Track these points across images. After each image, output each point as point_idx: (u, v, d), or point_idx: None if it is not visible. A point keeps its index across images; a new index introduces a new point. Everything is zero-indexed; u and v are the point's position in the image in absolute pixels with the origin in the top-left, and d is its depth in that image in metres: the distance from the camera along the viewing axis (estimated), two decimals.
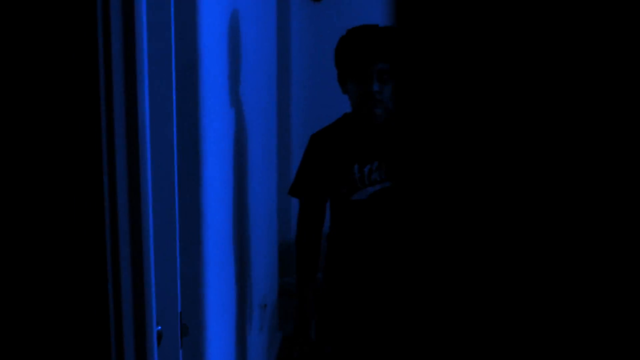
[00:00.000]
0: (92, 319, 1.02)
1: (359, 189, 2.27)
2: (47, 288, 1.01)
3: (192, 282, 1.97)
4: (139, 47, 1.02)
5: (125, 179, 1.04)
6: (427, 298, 0.67)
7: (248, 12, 2.79)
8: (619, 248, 0.56)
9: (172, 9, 1.35)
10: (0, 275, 1.01)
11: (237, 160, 2.54)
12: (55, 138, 0.99)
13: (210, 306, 2.07)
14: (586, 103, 0.60)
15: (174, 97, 1.41)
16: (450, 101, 0.68)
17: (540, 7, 0.60)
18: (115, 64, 1.00)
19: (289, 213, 4.34)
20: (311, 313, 2.38)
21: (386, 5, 1.48)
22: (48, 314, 1.02)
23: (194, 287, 1.98)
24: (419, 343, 0.67)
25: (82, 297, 1.01)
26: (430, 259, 0.69)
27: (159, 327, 1.37)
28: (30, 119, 1.00)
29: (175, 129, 1.45)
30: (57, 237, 1.00)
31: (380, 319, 2.30)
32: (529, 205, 0.61)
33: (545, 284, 0.60)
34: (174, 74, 1.43)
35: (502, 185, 0.61)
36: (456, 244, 0.66)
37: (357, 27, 2.31)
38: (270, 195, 3.57)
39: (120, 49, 1.00)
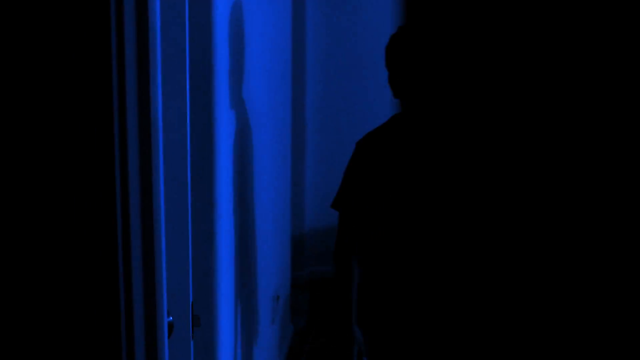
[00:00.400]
0: (102, 310, 1.04)
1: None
2: (60, 277, 1.04)
3: (204, 273, 2.00)
4: (152, 44, 1.04)
5: (137, 168, 1.06)
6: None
7: (262, 8, 2.81)
8: (619, 248, 0.56)
9: (187, 7, 1.36)
10: (14, 258, 1.04)
11: (249, 154, 2.56)
12: (67, 126, 1.01)
13: (222, 298, 2.09)
14: (587, 105, 0.60)
15: (187, 93, 1.43)
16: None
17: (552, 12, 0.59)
18: (129, 61, 1.02)
19: (302, 207, 4.36)
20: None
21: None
22: (60, 303, 1.04)
23: (206, 278, 2.01)
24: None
25: (93, 288, 1.04)
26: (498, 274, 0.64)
27: (170, 318, 1.40)
28: (40, 110, 1.02)
29: (188, 124, 1.47)
30: (69, 227, 1.03)
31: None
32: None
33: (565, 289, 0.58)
34: (188, 70, 1.45)
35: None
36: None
37: (410, 25, 2.10)
38: (283, 190, 3.59)
39: (133, 47, 1.02)
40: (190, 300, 1.61)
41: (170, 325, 1.43)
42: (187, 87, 1.46)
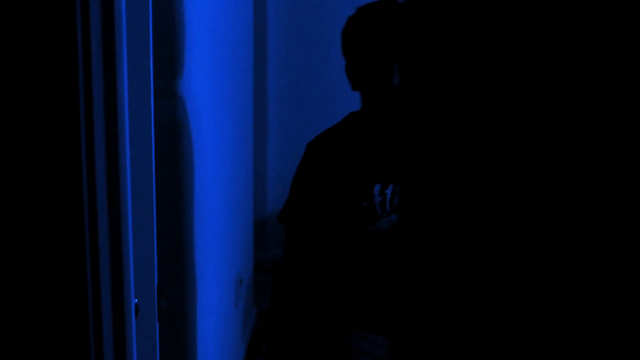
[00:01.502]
0: (70, 293, 1.07)
1: (379, 217, 1.73)
2: (26, 260, 1.06)
3: (169, 255, 2.02)
4: (118, 42, 1.06)
5: (104, 151, 1.08)
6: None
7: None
8: (619, 248, 0.53)
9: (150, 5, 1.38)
10: None
11: (208, 139, 2.58)
12: (33, 111, 1.03)
13: (186, 280, 2.12)
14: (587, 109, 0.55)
15: (152, 84, 1.45)
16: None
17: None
18: (95, 53, 1.04)
19: (265, 191, 4.38)
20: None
21: None
22: (27, 285, 1.06)
23: (172, 260, 2.03)
24: None
25: (60, 271, 1.06)
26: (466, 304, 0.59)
27: (136, 300, 1.42)
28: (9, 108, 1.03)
29: (152, 112, 1.49)
30: (34, 210, 1.04)
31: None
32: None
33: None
34: (152, 62, 1.46)
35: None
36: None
37: (371, 4, 1.74)
38: (245, 173, 3.61)
39: (99, 41, 1.04)
40: (156, 282, 1.64)
41: (136, 308, 1.45)
42: (152, 79, 1.47)
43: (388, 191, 1.72)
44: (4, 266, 1.07)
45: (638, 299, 0.48)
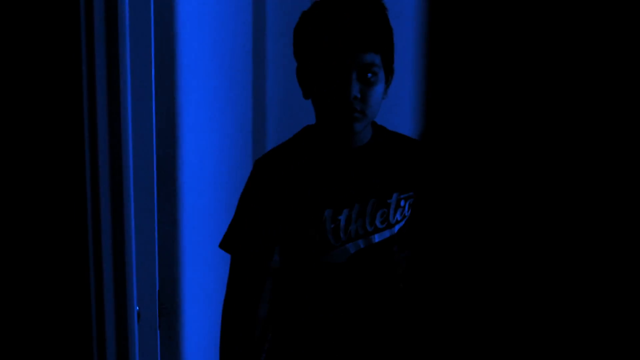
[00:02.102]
0: (74, 302, 1.08)
1: (333, 247, 1.49)
2: (34, 273, 1.07)
3: (167, 262, 2.03)
4: (122, 47, 1.08)
5: (107, 164, 1.10)
6: None
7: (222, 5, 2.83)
8: (619, 248, 0.51)
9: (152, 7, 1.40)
10: None
11: (213, 146, 2.59)
12: (39, 119, 1.05)
13: (185, 288, 2.13)
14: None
15: (153, 91, 1.47)
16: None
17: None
18: (99, 59, 1.06)
19: None
20: None
21: None
22: (34, 297, 1.08)
23: (170, 269, 2.04)
24: None
25: (64, 280, 1.08)
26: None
27: (137, 308, 1.44)
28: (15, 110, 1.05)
29: (154, 121, 1.51)
30: (41, 225, 1.06)
31: None
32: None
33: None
34: (153, 68, 1.48)
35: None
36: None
37: None
38: (243, 181, 3.62)
39: (103, 48, 1.06)
40: (157, 289, 1.65)
41: (137, 315, 1.47)
42: (153, 86, 1.49)
43: (342, 217, 1.48)
44: (9, 264, 1.08)
45: (638, 299, 0.47)
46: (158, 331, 1.67)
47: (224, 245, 1.56)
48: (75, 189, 1.06)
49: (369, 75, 1.40)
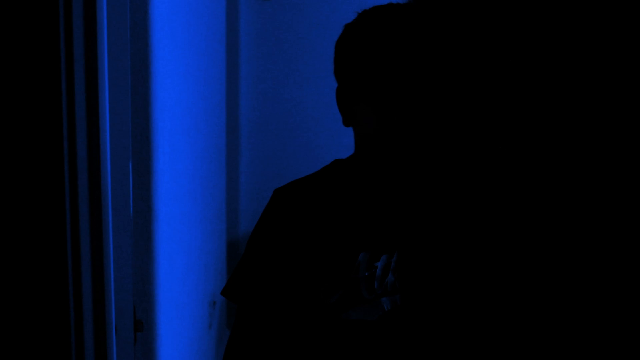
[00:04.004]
0: (53, 315, 1.04)
1: (363, 301, 1.20)
2: (14, 288, 1.03)
3: (143, 279, 1.99)
4: (100, 54, 1.05)
5: (86, 184, 1.07)
6: None
7: (197, 12, 2.81)
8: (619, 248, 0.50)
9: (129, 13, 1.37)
10: None
11: (187, 159, 2.56)
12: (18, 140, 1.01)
13: (160, 303, 2.09)
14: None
15: (129, 100, 1.44)
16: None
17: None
18: (77, 56, 1.03)
19: (237, 212, 4.38)
20: None
21: (345, 4, 1.25)
22: (14, 311, 1.04)
23: (145, 284, 2.00)
24: None
25: (44, 294, 1.04)
26: None
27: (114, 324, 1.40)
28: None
29: (130, 128, 1.47)
30: (20, 241, 1.02)
31: None
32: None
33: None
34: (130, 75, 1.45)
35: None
36: None
37: (378, 7, 1.21)
38: (218, 194, 3.60)
39: (81, 47, 1.03)
40: (132, 305, 1.61)
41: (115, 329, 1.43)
42: (129, 86, 1.46)
43: (379, 264, 1.19)
44: None
45: (638, 299, 0.46)
46: (133, 347, 1.62)
47: (228, 291, 1.27)
48: (54, 205, 1.02)
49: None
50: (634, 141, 0.43)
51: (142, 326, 1.67)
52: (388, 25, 1.15)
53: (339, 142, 2.63)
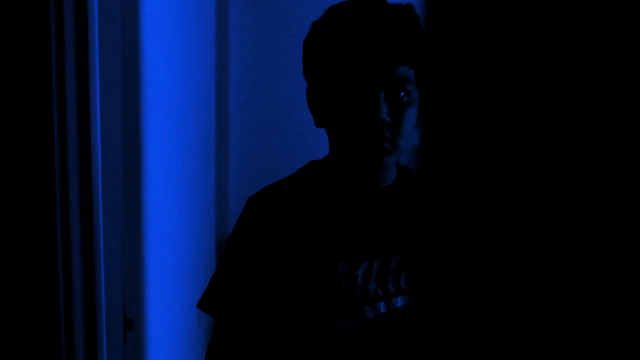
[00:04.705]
0: (44, 314, 1.04)
1: (346, 311, 1.16)
2: (4, 288, 1.03)
3: (132, 278, 1.99)
4: (91, 54, 1.05)
5: (77, 184, 1.07)
6: None
7: (187, 10, 2.81)
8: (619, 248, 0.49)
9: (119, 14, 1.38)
10: None
11: (176, 158, 2.56)
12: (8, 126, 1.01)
13: (150, 302, 2.09)
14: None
15: (120, 106, 1.44)
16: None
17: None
18: (68, 61, 1.03)
19: (227, 210, 4.38)
20: None
21: (335, 1, 1.20)
22: (4, 311, 1.04)
23: (135, 282, 2.00)
24: None
25: (34, 293, 1.04)
26: None
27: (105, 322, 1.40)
28: None
29: (121, 129, 1.47)
30: (13, 244, 1.02)
31: None
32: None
33: None
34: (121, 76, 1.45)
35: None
36: None
37: (346, 3, 1.18)
38: (207, 193, 3.59)
39: (72, 51, 1.03)
40: (122, 304, 1.61)
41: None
42: (120, 84, 1.46)
43: (359, 272, 1.16)
44: None
45: (638, 299, 0.45)
46: (123, 346, 1.62)
47: (204, 304, 1.23)
48: (44, 200, 1.02)
49: (402, 94, 1.12)
50: (634, 141, 0.43)
51: (132, 325, 1.67)
52: (357, 21, 1.12)
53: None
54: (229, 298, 1.19)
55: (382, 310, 1.17)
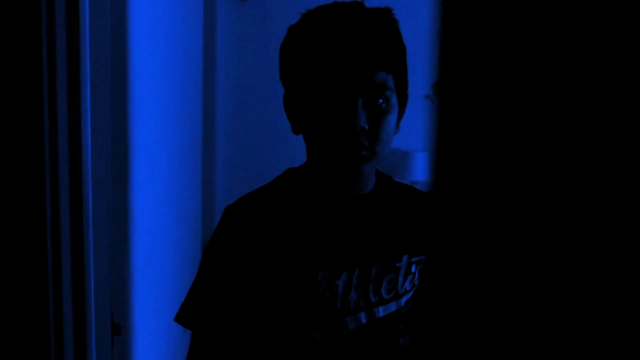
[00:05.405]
0: (34, 322, 1.03)
1: (327, 322, 1.15)
2: None
3: (119, 282, 1.97)
4: (82, 57, 1.04)
5: (67, 190, 1.06)
6: None
7: (175, 14, 2.80)
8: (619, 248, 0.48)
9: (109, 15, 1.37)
10: None
11: (162, 160, 2.55)
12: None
13: (138, 306, 2.08)
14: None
15: (110, 112, 1.43)
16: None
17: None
18: (60, 65, 1.02)
19: (213, 213, 4.37)
20: None
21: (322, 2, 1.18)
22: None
23: (122, 287, 1.99)
24: None
25: (25, 299, 1.03)
26: None
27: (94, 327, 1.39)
28: None
29: (110, 131, 1.47)
30: (6, 253, 1.01)
31: None
32: None
33: None
34: (110, 81, 1.44)
35: None
36: None
37: (323, 7, 1.15)
38: (194, 195, 3.58)
39: (63, 54, 1.02)
40: (109, 309, 1.60)
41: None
42: (109, 92, 1.45)
43: (340, 282, 1.14)
44: None
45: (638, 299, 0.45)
46: (110, 351, 1.61)
47: (182, 317, 1.18)
48: (35, 211, 1.01)
49: (380, 100, 1.10)
50: (634, 141, 0.42)
51: (120, 330, 1.66)
52: (334, 26, 1.10)
53: None
54: (206, 311, 1.15)
55: (364, 320, 1.16)
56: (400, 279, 1.20)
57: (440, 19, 0.48)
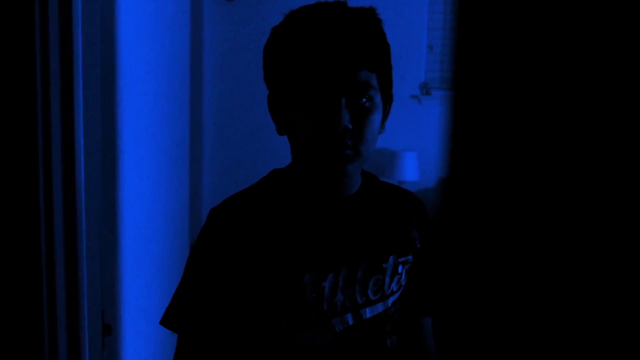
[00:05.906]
0: (28, 323, 1.04)
1: (314, 324, 1.15)
2: None
3: (110, 283, 1.97)
4: (76, 59, 1.05)
5: (61, 194, 1.07)
6: None
7: (163, 15, 2.80)
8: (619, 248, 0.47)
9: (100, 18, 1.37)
10: None
11: (150, 164, 2.55)
12: None
13: (128, 306, 2.08)
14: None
15: (100, 114, 1.43)
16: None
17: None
18: (53, 66, 1.03)
19: (201, 213, 4.36)
20: None
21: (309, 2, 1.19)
22: None
23: (112, 288, 1.99)
24: None
25: (18, 300, 1.03)
26: None
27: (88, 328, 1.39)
28: None
29: (100, 132, 1.47)
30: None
31: None
32: None
33: None
34: (100, 80, 1.45)
35: None
36: None
37: (306, 7, 1.14)
38: (182, 196, 3.58)
39: (57, 57, 1.03)
40: (100, 310, 1.60)
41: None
42: (100, 95, 1.46)
43: (326, 284, 1.13)
44: None
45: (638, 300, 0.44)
46: (101, 352, 1.61)
47: (167, 321, 1.18)
48: (29, 216, 1.01)
49: (364, 100, 1.09)
50: (634, 141, 0.42)
51: (110, 330, 1.66)
52: (318, 26, 1.09)
53: None
54: (191, 315, 1.15)
55: (350, 322, 1.16)
56: (387, 279, 1.20)
57: (457, 17, 0.48)
